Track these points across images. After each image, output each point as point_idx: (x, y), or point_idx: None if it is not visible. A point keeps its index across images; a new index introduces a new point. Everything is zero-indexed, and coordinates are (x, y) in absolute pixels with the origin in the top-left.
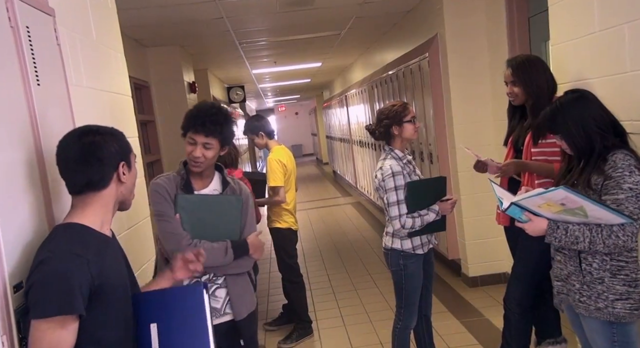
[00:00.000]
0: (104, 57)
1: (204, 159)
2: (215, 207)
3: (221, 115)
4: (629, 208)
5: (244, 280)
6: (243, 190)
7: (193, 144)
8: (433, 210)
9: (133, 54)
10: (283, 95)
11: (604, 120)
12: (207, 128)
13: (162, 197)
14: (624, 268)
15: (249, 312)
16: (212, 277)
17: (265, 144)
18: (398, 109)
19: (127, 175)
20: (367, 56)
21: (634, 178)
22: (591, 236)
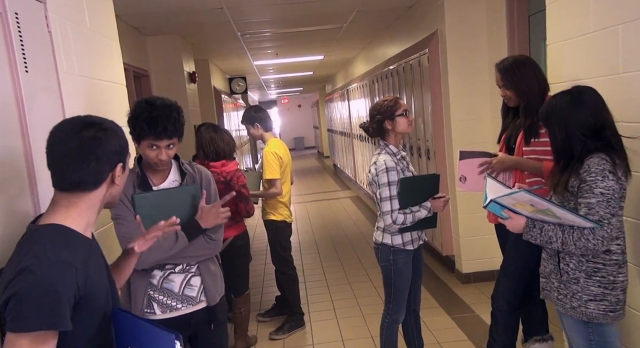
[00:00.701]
0: (97, 45)
1: (168, 158)
2: (174, 199)
3: (174, 111)
4: (600, 212)
5: (215, 265)
6: (203, 175)
7: (153, 148)
8: (425, 207)
9: (133, 42)
10: (286, 87)
11: (589, 125)
12: (170, 131)
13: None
14: (600, 271)
15: (221, 296)
16: (185, 266)
17: (261, 135)
18: (389, 104)
19: (121, 176)
20: (368, 50)
21: (606, 183)
22: (563, 237)
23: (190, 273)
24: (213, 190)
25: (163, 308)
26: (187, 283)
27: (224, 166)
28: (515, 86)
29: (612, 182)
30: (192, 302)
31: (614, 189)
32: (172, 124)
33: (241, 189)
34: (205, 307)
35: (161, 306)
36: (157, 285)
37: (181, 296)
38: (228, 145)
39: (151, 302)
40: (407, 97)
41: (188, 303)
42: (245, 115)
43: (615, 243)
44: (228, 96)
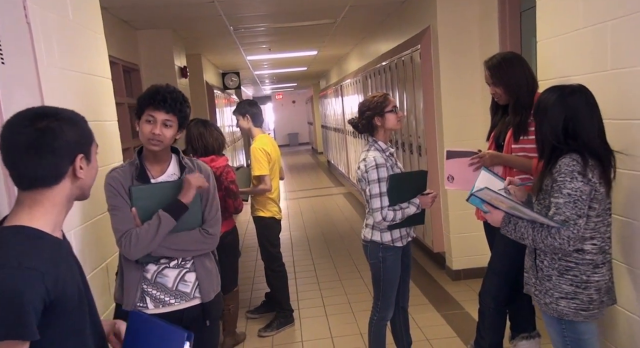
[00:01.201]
0: (81, 37)
1: (164, 137)
2: (171, 193)
3: (179, 94)
4: (566, 213)
5: (211, 261)
6: (202, 169)
7: (152, 122)
8: (414, 203)
9: (123, 36)
10: (280, 83)
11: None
12: (168, 104)
13: (115, 190)
14: (573, 269)
15: (216, 293)
16: (180, 261)
17: (249, 129)
18: (379, 100)
19: (85, 169)
20: (362, 46)
21: (574, 184)
22: (533, 234)
23: (185, 269)
24: (212, 186)
25: (156, 303)
26: (182, 279)
27: (213, 161)
28: (504, 83)
29: (580, 184)
30: (185, 298)
31: (581, 191)
32: (173, 100)
33: (230, 185)
34: (199, 304)
35: (154, 300)
36: (150, 280)
37: (175, 291)
38: (217, 141)
39: (144, 296)
40: (400, 93)
41: (181, 299)
42: (239, 105)
43: (590, 243)
44: (221, 91)
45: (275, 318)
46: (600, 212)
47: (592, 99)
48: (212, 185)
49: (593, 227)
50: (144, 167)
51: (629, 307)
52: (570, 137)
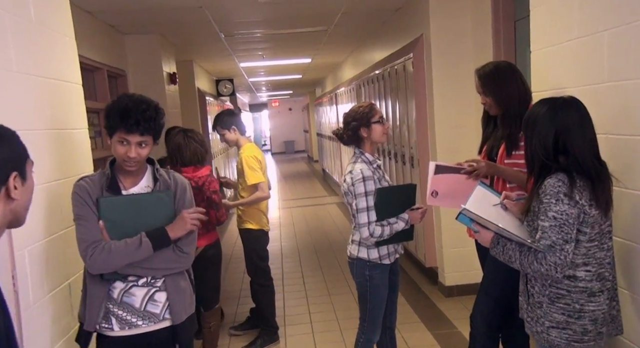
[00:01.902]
0: (45, 40)
1: (140, 158)
2: (143, 206)
3: (152, 109)
4: (552, 237)
5: (184, 280)
6: (179, 182)
7: (123, 143)
8: (402, 218)
9: (109, 41)
10: (276, 90)
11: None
12: (142, 126)
13: (82, 199)
14: (564, 297)
15: (188, 314)
16: (150, 280)
17: (237, 141)
18: (365, 110)
19: (20, 189)
20: (356, 54)
21: (559, 207)
22: (520, 258)
23: (154, 288)
24: (189, 199)
25: (122, 324)
26: (151, 299)
27: (196, 171)
28: (494, 93)
29: (567, 206)
30: (154, 320)
31: (567, 214)
32: (146, 121)
33: (212, 195)
34: (169, 326)
35: (120, 321)
36: (116, 299)
37: (142, 312)
38: (196, 154)
39: (109, 316)
40: (392, 102)
41: (150, 321)
42: (219, 119)
43: (583, 270)
44: (214, 98)
45: (259, 335)
46: (595, 236)
47: (584, 112)
48: (189, 200)
49: (585, 252)
50: (116, 177)
51: (634, 338)
52: (561, 152)
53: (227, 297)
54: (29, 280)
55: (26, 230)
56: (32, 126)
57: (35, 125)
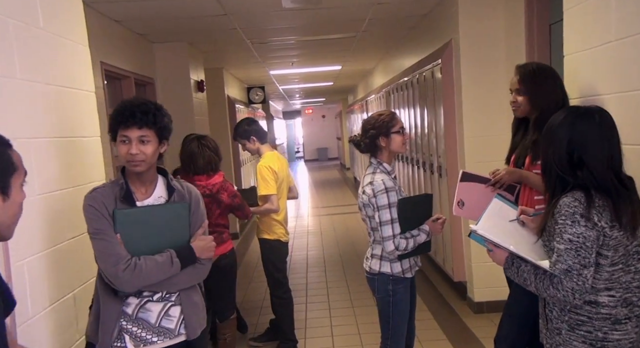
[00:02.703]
0: (54, 47)
1: (144, 155)
2: (159, 218)
3: (151, 104)
4: (568, 262)
5: (197, 294)
6: (193, 194)
7: (127, 142)
8: (424, 230)
9: (137, 49)
10: (309, 98)
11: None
12: (139, 118)
13: (98, 212)
14: (585, 324)
15: (202, 328)
16: (165, 294)
17: (257, 149)
18: (385, 119)
19: (2, 204)
20: (386, 61)
21: (575, 229)
22: (535, 282)
23: (169, 303)
24: (201, 211)
25: (136, 342)
26: (166, 314)
27: (209, 179)
28: (532, 93)
29: (583, 229)
30: (169, 335)
31: (584, 237)
32: (143, 113)
33: (233, 201)
34: (183, 341)
35: (134, 339)
36: (131, 315)
37: (158, 328)
38: (209, 164)
39: (123, 334)
40: (421, 110)
41: (165, 336)
42: (238, 129)
43: (606, 295)
44: (245, 106)
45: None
46: (619, 259)
47: (608, 123)
48: (202, 212)
49: (607, 277)
50: (129, 188)
51: None
52: (577, 166)
53: (250, 307)
54: (27, 292)
55: (25, 241)
56: (36, 134)
57: (39, 133)
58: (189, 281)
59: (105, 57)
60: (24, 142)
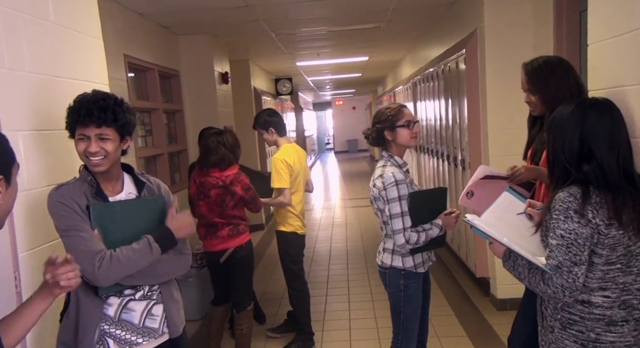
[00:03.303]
0: (66, 40)
1: (104, 152)
2: (136, 212)
3: (109, 100)
4: (558, 258)
5: (177, 290)
6: (162, 187)
7: (84, 139)
8: (436, 224)
9: (163, 41)
10: (339, 89)
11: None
12: (97, 116)
13: (69, 208)
14: (577, 324)
15: (183, 326)
16: (147, 292)
17: (275, 141)
18: (391, 113)
19: (4, 193)
20: (414, 52)
21: (567, 224)
22: (528, 277)
23: (152, 301)
24: (171, 201)
25: (121, 345)
26: (149, 313)
27: (222, 171)
28: (542, 91)
29: (576, 225)
30: (154, 335)
31: (576, 233)
32: (102, 110)
33: (246, 194)
34: (167, 340)
35: (119, 342)
36: (114, 317)
37: (142, 328)
38: (223, 161)
39: (105, 338)
40: (445, 102)
41: (150, 337)
42: (259, 119)
43: (600, 295)
44: (273, 97)
45: (294, 340)
46: (616, 259)
47: (618, 118)
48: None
49: (601, 276)
50: (99, 184)
51: None
52: (585, 159)
53: (271, 298)
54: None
55: (33, 231)
56: (47, 126)
57: (50, 125)
58: (173, 271)
59: (129, 49)
60: (33, 134)
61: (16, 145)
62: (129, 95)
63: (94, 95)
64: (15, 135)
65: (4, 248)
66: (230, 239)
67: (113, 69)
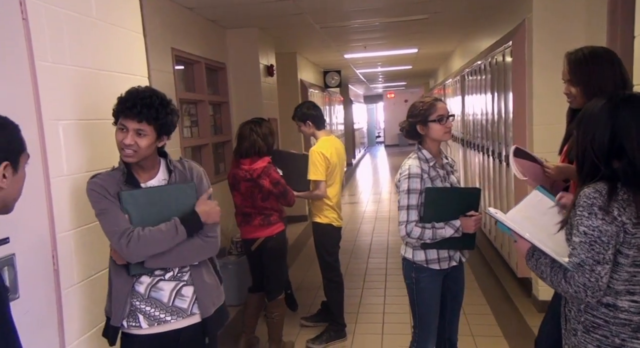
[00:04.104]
0: (107, 35)
1: (137, 147)
2: (165, 198)
3: (156, 98)
4: (581, 255)
5: (210, 274)
6: (195, 170)
7: (124, 130)
8: (452, 225)
9: (210, 35)
10: (389, 82)
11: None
12: (140, 112)
13: (100, 194)
14: (601, 328)
15: (216, 307)
16: (177, 273)
17: (312, 134)
18: (424, 107)
19: (9, 179)
20: (464, 44)
21: (591, 221)
22: (550, 275)
23: (181, 282)
24: (205, 187)
25: (150, 321)
26: (178, 293)
27: (252, 163)
28: (584, 83)
29: (600, 222)
30: (182, 315)
31: (600, 230)
32: (145, 106)
33: (274, 188)
34: (198, 323)
35: (148, 318)
36: (144, 294)
37: (171, 307)
38: (253, 148)
39: (136, 313)
40: (492, 95)
41: (178, 316)
42: (298, 111)
43: (627, 299)
44: (321, 90)
45: (325, 330)
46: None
47: None
48: (205, 188)
49: (628, 278)
50: (132, 172)
51: None
52: (615, 155)
53: (309, 287)
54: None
55: (73, 214)
56: (86, 116)
57: (96, 115)
58: (198, 255)
59: (176, 43)
60: (73, 123)
61: (56, 133)
62: (176, 88)
63: (143, 91)
64: (55, 125)
65: (44, 229)
66: (261, 229)
67: (161, 62)
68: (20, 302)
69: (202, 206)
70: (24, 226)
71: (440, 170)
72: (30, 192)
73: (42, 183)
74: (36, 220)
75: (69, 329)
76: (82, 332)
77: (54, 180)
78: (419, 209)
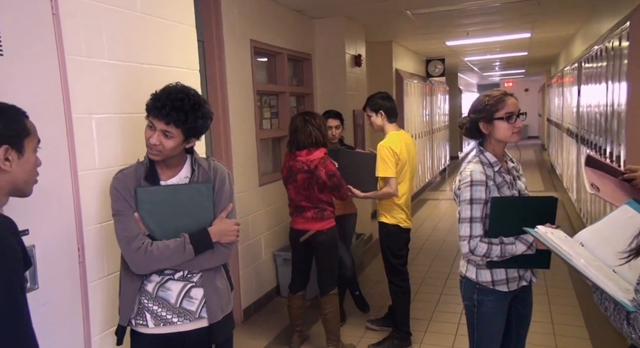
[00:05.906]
0: (152, 29)
1: (162, 147)
2: (181, 197)
3: (187, 102)
4: None
5: (221, 276)
6: (219, 172)
7: (152, 128)
8: (524, 240)
9: (296, 25)
10: (506, 69)
11: None
12: (168, 114)
13: (120, 193)
14: None
15: (225, 313)
16: (186, 274)
17: (382, 126)
18: (490, 102)
19: (14, 162)
20: (587, 26)
21: None
22: (614, 314)
23: (190, 283)
24: (227, 190)
25: (156, 321)
26: (187, 295)
27: (309, 154)
28: None
29: None
30: (189, 317)
31: None
32: (174, 109)
33: (329, 180)
34: (205, 327)
35: (154, 318)
36: (152, 293)
37: (178, 308)
38: (309, 137)
39: (144, 312)
40: (606, 85)
41: (185, 318)
42: (371, 101)
43: None
44: (422, 80)
45: (389, 336)
46: None
47: None
48: (228, 191)
49: None
50: (155, 168)
51: None
52: None
53: (382, 290)
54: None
55: (102, 207)
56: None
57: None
58: (209, 263)
59: (255, 34)
60: (107, 117)
61: (88, 127)
62: (253, 79)
63: (176, 92)
64: (88, 119)
65: (69, 222)
66: (313, 222)
67: (238, 53)
68: (39, 293)
69: (218, 224)
70: (47, 218)
71: (507, 175)
72: (56, 185)
73: (69, 177)
74: (61, 213)
75: (95, 321)
76: (107, 325)
77: (82, 174)
78: (483, 222)
